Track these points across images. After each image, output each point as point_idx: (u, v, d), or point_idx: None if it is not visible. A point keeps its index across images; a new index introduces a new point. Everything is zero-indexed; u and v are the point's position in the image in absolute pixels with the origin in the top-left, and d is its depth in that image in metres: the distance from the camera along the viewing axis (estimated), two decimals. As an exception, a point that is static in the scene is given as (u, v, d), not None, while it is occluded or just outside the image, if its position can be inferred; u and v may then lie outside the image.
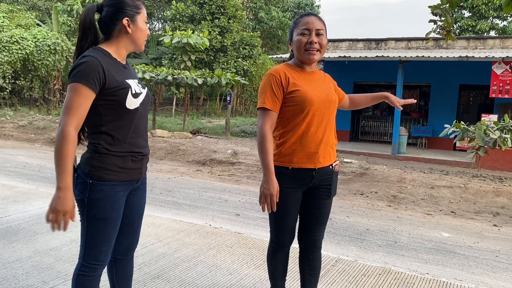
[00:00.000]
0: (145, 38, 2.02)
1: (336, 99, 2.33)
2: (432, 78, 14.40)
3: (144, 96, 2.00)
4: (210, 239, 3.91)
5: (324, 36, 2.24)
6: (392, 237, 4.87)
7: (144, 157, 2.03)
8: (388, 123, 15.68)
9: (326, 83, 2.35)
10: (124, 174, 1.93)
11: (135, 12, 1.95)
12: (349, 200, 6.89)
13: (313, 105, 2.20)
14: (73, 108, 1.78)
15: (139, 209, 2.15)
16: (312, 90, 2.23)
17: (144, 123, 2.02)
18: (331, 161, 2.31)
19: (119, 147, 1.91)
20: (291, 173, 2.24)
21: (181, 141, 11.81)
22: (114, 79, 1.86)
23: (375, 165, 9.78)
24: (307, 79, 2.27)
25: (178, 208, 5.56)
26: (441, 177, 8.61)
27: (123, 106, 1.88)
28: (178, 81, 13.69)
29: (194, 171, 8.99)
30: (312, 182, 2.28)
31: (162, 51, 25.43)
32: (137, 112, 1.94)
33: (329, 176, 2.32)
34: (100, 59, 1.85)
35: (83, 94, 1.79)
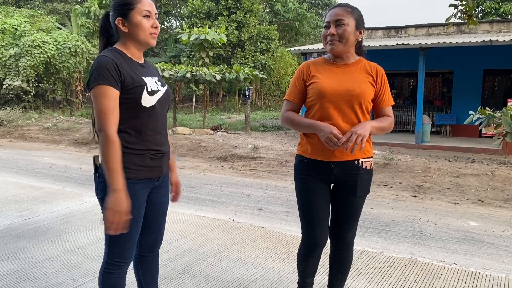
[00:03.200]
0: (147, 32, 1.93)
1: (362, 92, 2.18)
2: (455, 64, 14.07)
3: (162, 93, 2.00)
4: (233, 234, 3.93)
5: (348, 26, 2.17)
6: (418, 228, 4.80)
7: (163, 155, 2.03)
8: (411, 112, 15.42)
9: (357, 76, 2.23)
10: (143, 172, 1.94)
11: (127, 9, 1.91)
12: (373, 192, 6.81)
13: (326, 97, 2.18)
14: (106, 111, 1.81)
15: (162, 206, 2.16)
16: (330, 83, 2.19)
17: (162, 120, 2.02)
18: (354, 156, 2.20)
19: (137, 145, 1.91)
20: (308, 163, 2.27)
21: (202, 138, 11.87)
22: (130, 76, 1.88)
23: (398, 155, 9.64)
24: (333, 72, 2.24)
25: (201, 204, 5.60)
26: (467, 165, 8.42)
27: (139, 104, 1.89)
28: (196, 78, 13.75)
29: (216, 167, 9.03)
30: (334, 176, 2.23)
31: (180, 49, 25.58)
32: (154, 110, 1.94)
33: (355, 172, 2.21)
34: (113, 57, 1.87)
35: (109, 94, 1.81)
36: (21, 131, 13.63)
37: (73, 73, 16.34)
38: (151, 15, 1.93)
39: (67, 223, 4.13)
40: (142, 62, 2.02)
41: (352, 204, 2.28)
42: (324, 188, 2.27)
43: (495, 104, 12.35)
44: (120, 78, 1.84)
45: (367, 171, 2.26)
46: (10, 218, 4.30)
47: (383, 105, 2.30)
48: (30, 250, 3.44)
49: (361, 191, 2.25)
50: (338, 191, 2.29)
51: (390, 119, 2.31)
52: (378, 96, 2.28)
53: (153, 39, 1.97)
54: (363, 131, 2.07)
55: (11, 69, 16.10)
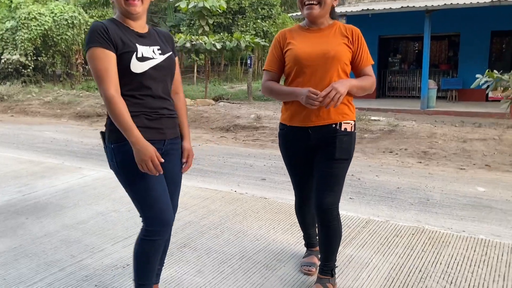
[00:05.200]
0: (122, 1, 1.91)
1: (338, 54, 2.15)
2: (461, 26, 13.67)
3: (159, 61, 1.98)
4: (236, 205, 3.85)
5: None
6: (424, 195, 4.71)
7: (162, 116, 1.99)
8: (416, 77, 15.14)
9: (332, 39, 2.20)
10: (142, 132, 1.88)
11: None
12: (378, 159, 6.71)
13: (302, 62, 2.17)
14: (101, 74, 1.82)
15: (172, 175, 2.10)
16: (305, 47, 2.19)
17: (159, 86, 1.99)
18: (331, 120, 2.19)
19: (130, 108, 1.89)
20: (288, 131, 2.31)
21: (204, 109, 11.73)
22: (120, 41, 1.88)
23: (403, 121, 9.49)
24: (307, 37, 2.23)
25: (203, 175, 5.52)
26: (473, 130, 8.27)
27: (129, 70, 1.89)
28: (196, 47, 13.49)
29: (218, 137, 8.93)
30: (312, 142, 2.24)
31: (180, 18, 25.08)
32: (146, 75, 1.93)
33: (332, 134, 2.20)
34: (106, 23, 1.90)
35: (102, 57, 1.82)
36: (22, 105, 13.52)
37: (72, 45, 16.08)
38: None
39: (67, 198, 4.06)
40: (144, 31, 2.02)
41: (331, 167, 2.23)
42: (306, 153, 2.32)
43: (503, 67, 12.03)
44: (111, 40, 1.85)
45: (347, 133, 2.23)
46: (9, 194, 4.24)
47: (362, 65, 2.26)
48: (28, 226, 3.39)
49: (340, 153, 2.21)
50: (318, 156, 2.28)
51: (371, 79, 2.27)
52: (356, 56, 2.24)
53: (132, 6, 1.92)
54: (341, 87, 2.05)
55: (8, 42, 15.86)
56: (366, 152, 7.18)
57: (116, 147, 1.91)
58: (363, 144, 7.79)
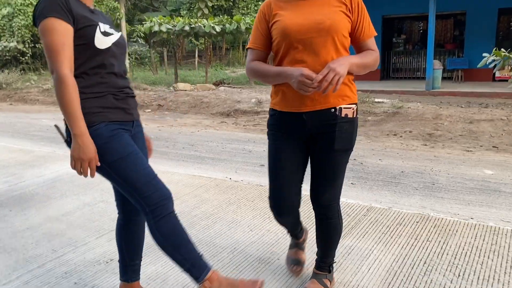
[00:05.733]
0: None
1: (334, 24, 1.79)
2: (468, 4, 13.28)
3: (118, 38, 1.81)
4: (230, 194, 3.66)
5: None
6: (430, 178, 4.50)
7: (127, 95, 1.83)
8: (421, 58, 14.81)
9: (327, 6, 1.83)
10: (111, 113, 1.75)
11: None
12: (382, 142, 6.49)
13: (292, 36, 1.81)
14: (57, 49, 1.60)
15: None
16: (295, 18, 1.83)
17: (121, 65, 1.84)
18: (329, 103, 1.83)
19: (95, 88, 1.73)
20: (279, 117, 1.95)
21: (204, 94, 11.52)
22: (80, 15, 1.68)
23: (408, 103, 9.24)
24: (298, 5, 1.86)
25: (200, 162, 5.33)
26: (480, 111, 8.03)
27: (92, 46, 1.70)
28: (195, 30, 13.19)
29: (219, 123, 8.73)
30: (308, 129, 1.89)
31: (181, 2, 24.68)
32: (110, 52, 1.76)
33: (331, 122, 1.85)
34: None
35: (58, 29, 1.61)
36: (21, 93, 13.36)
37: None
38: None
39: (54, 188, 3.89)
40: (92, 7, 1.83)
41: (331, 160, 1.92)
42: (297, 145, 1.96)
43: (510, 45, 11.64)
44: (71, 12, 1.64)
45: (349, 120, 1.87)
46: (-5, 184, 4.08)
47: (364, 37, 1.91)
48: (11, 219, 3.22)
49: (340, 143, 1.88)
50: (315, 147, 1.95)
51: (375, 54, 1.93)
52: (356, 27, 1.88)
53: None
54: (341, 68, 1.71)
55: (5, 29, 15.62)
56: (370, 135, 6.96)
57: (90, 131, 1.68)
58: (366, 127, 7.57)
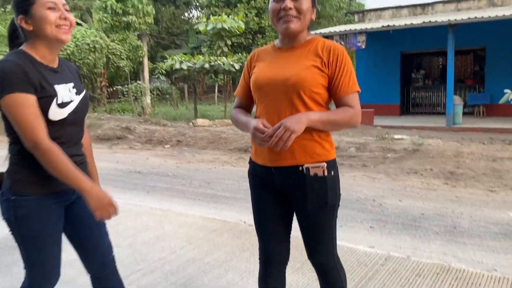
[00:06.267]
0: (53, 25, 1.64)
1: (300, 80, 1.75)
2: (487, 40, 13.23)
3: (77, 103, 1.76)
4: (243, 239, 3.59)
5: (305, 0, 1.78)
6: (451, 222, 4.36)
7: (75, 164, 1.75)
8: (440, 93, 14.71)
9: (301, 60, 1.80)
10: (49, 185, 1.70)
11: (28, 4, 1.64)
12: (401, 181, 6.36)
13: (261, 89, 1.83)
14: (31, 122, 1.58)
15: (92, 218, 1.83)
16: (266, 72, 1.83)
17: (74, 131, 1.80)
18: (295, 160, 1.77)
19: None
20: (254, 167, 1.94)
21: (223, 129, 11.60)
22: (38, 85, 1.62)
23: (429, 139, 9.10)
24: (276, 58, 1.87)
25: (216, 201, 5.30)
26: (503, 148, 7.83)
27: (45, 117, 1.64)
28: (215, 68, 13.45)
29: (236, 159, 8.73)
30: (277, 185, 1.85)
31: (202, 40, 25.32)
32: (65, 123, 1.71)
33: (299, 181, 1.78)
34: (21, 62, 1.61)
35: (26, 103, 1.58)
36: None
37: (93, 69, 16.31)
38: (57, 7, 1.66)
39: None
40: (56, 65, 1.75)
41: (310, 220, 1.85)
42: (274, 198, 1.91)
43: (532, 80, 11.55)
44: (30, 83, 1.59)
45: (318, 179, 1.77)
46: (13, 225, 4.10)
47: (341, 94, 1.79)
48: (24, 263, 3.21)
49: (312, 204, 1.80)
50: (290, 203, 1.90)
51: (351, 111, 1.79)
52: (333, 82, 1.79)
53: (64, 33, 1.68)
54: (294, 124, 1.65)
55: None
56: (389, 173, 6.84)
57: (19, 200, 1.67)
58: (386, 164, 7.45)
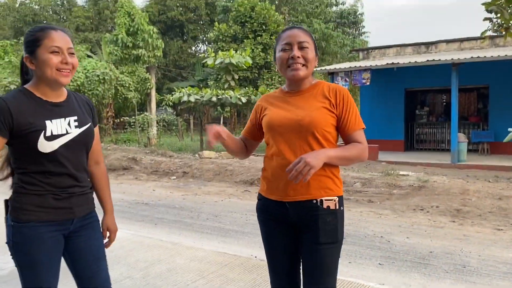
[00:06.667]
0: (54, 68, 1.78)
1: (313, 121, 1.91)
2: (490, 79, 13.47)
3: (73, 136, 1.85)
4: (255, 273, 3.62)
5: (311, 50, 1.98)
6: (460, 260, 4.37)
7: (72, 195, 1.86)
8: (445, 130, 14.83)
9: (311, 102, 1.97)
10: (45, 213, 1.80)
11: (35, 45, 1.79)
12: (408, 217, 6.38)
13: (275, 130, 1.98)
14: None
15: (93, 251, 1.94)
16: (279, 113, 1.99)
17: (70, 163, 1.86)
18: (310, 195, 1.90)
19: (36, 186, 1.80)
20: (265, 203, 2.04)
21: (229, 161, 11.69)
22: (26, 121, 1.76)
23: (434, 176, 9.14)
24: (285, 101, 2.03)
25: (224, 235, 5.33)
26: (509, 186, 7.86)
27: (34, 149, 1.77)
28: (222, 101, 13.69)
29: (242, 191, 8.78)
30: (290, 219, 1.96)
31: (208, 73, 25.79)
32: (57, 154, 1.80)
33: (313, 213, 1.90)
34: (10, 101, 1.76)
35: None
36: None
37: (102, 99, 16.60)
38: (61, 51, 1.80)
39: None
40: (61, 99, 1.89)
41: (318, 253, 1.91)
42: (287, 231, 2.01)
43: (535, 119, 11.68)
44: (10, 123, 1.73)
45: (331, 212, 1.91)
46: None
47: (349, 130, 1.98)
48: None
49: (325, 237, 1.89)
50: (301, 237, 1.98)
51: (360, 146, 1.97)
52: (341, 121, 1.97)
53: (63, 76, 1.81)
54: (313, 159, 1.77)
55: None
56: (396, 210, 6.87)
57: (16, 226, 1.79)
58: (392, 200, 7.48)
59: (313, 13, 32.02)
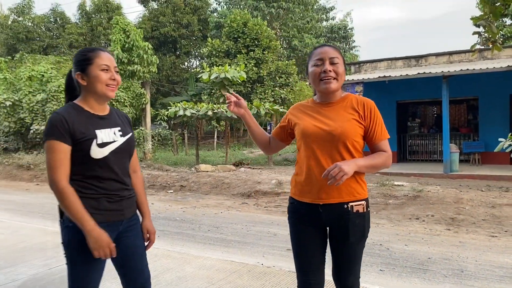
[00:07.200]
0: (104, 84, 2.02)
1: (345, 132, 2.10)
2: (479, 91, 13.80)
3: (120, 144, 2.08)
4: (264, 280, 3.74)
5: (340, 64, 2.18)
6: (457, 265, 4.53)
7: (122, 198, 2.08)
8: (436, 141, 15.10)
9: (342, 114, 2.16)
10: (99, 215, 1.98)
11: (86, 64, 2.02)
12: (405, 226, 6.54)
13: (309, 138, 2.16)
14: (56, 165, 1.91)
15: (137, 250, 2.16)
16: (313, 123, 2.18)
17: (119, 168, 2.07)
18: (342, 198, 2.11)
19: (91, 190, 1.99)
20: (298, 205, 2.22)
21: (225, 174, 11.80)
22: (79, 131, 1.96)
23: (428, 186, 9.34)
24: (318, 112, 2.22)
25: (227, 245, 5.44)
26: (501, 195, 8.07)
27: (88, 156, 1.97)
28: (218, 115, 13.84)
29: (240, 204, 8.89)
30: (324, 220, 2.16)
31: (201, 87, 25.98)
32: (107, 160, 2.01)
33: (345, 216, 2.11)
34: (65, 113, 1.97)
35: (57, 149, 1.92)
36: (48, 174, 13.81)
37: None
38: (109, 69, 2.05)
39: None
40: (105, 113, 2.12)
41: (348, 249, 2.17)
42: (316, 232, 2.20)
43: (524, 129, 11.97)
44: (68, 132, 1.94)
45: (359, 215, 2.13)
46: (36, 267, 4.23)
47: (376, 140, 2.19)
48: (55, 302, 3.34)
49: (354, 237, 2.13)
50: (332, 235, 2.21)
51: (385, 155, 2.19)
52: (368, 132, 2.18)
53: (110, 91, 2.06)
54: (347, 167, 1.98)
55: (38, 114, 16.56)
56: (392, 219, 7.03)
57: (73, 227, 1.95)
58: (388, 210, 7.64)
59: (304, 28, 32.51)
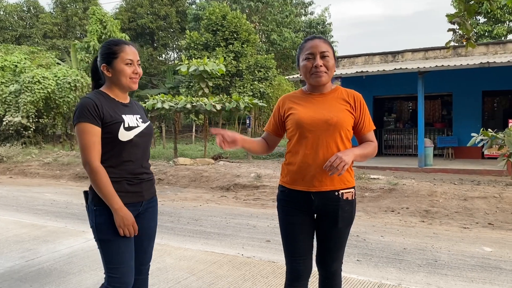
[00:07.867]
0: (128, 77, 2.15)
1: (340, 121, 2.17)
2: (453, 87, 14.14)
3: (142, 129, 2.20)
4: (244, 270, 3.79)
5: (331, 58, 2.22)
6: (432, 255, 4.67)
7: (142, 181, 2.19)
8: (411, 135, 15.41)
9: (334, 104, 2.23)
10: (122, 197, 2.07)
11: (112, 57, 2.14)
12: (381, 218, 6.69)
13: (304, 127, 2.19)
14: (89, 146, 2.02)
15: (148, 231, 2.27)
16: (307, 112, 2.21)
17: (140, 152, 2.20)
18: (334, 186, 2.18)
19: (113, 174, 2.08)
20: (289, 193, 2.26)
21: (204, 168, 11.79)
22: (109, 115, 2.08)
23: (403, 179, 9.54)
24: (310, 102, 2.26)
25: (207, 237, 5.46)
26: (473, 188, 8.31)
27: (116, 138, 2.09)
28: (197, 108, 13.77)
29: (219, 197, 8.91)
30: (315, 207, 2.21)
31: (179, 80, 25.80)
32: (131, 143, 2.13)
33: (335, 203, 2.19)
34: (94, 98, 2.09)
35: (90, 131, 2.02)
36: (21, 167, 13.53)
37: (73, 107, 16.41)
38: (133, 63, 2.17)
39: (71, 264, 3.99)
40: (127, 101, 2.25)
41: (336, 235, 2.26)
42: (306, 219, 2.26)
43: (495, 125, 12.34)
44: (99, 116, 2.05)
45: (348, 202, 2.23)
46: (12, 260, 4.17)
47: (364, 131, 2.30)
48: (33, 294, 3.31)
49: (343, 222, 2.22)
50: (320, 222, 2.27)
51: (373, 144, 2.30)
52: (358, 123, 2.27)
53: (133, 83, 2.19)
54: (347, 157, 2.05)
55: (11, 105, 16.15)
56: (368, 211, 7.16)
57: (98, 209, 2.07)
58: (364, 203, 7.78)
59: (283, 22, 32.55)
